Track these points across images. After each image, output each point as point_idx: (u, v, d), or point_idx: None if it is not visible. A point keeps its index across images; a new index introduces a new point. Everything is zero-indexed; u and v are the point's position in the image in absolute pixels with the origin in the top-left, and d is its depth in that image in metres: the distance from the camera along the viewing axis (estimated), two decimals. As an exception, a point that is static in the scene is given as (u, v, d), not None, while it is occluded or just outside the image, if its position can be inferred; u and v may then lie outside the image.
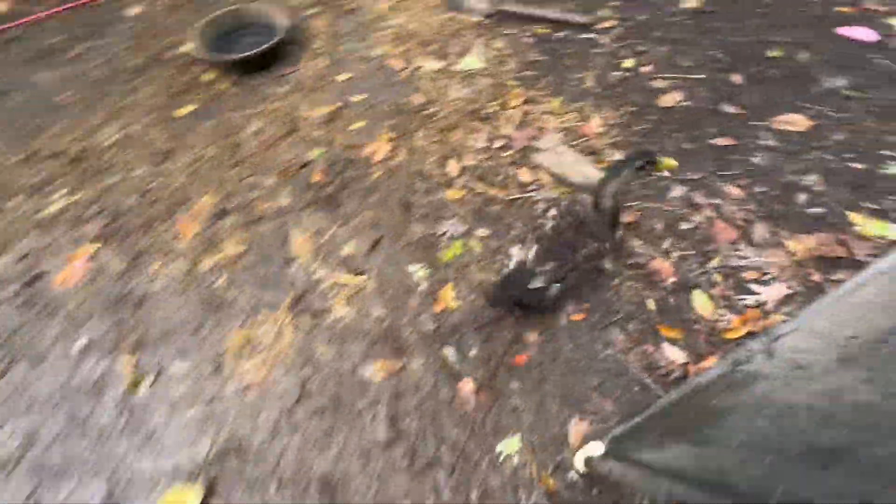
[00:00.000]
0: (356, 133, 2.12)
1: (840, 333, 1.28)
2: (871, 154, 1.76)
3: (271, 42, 2.36)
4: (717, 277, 1.53)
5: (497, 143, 1.98)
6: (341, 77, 2.38)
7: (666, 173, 1.81)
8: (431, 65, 2.34)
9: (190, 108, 2.31)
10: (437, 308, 1.57)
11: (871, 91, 1.94)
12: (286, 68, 2.46)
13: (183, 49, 2.59)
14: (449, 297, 1.59)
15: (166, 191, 1.97)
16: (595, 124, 1.98)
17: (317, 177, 1.96)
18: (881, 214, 1.60)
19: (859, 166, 1.73)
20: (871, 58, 2.05)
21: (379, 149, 2.03)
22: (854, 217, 1.60)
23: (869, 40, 2.11)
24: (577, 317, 1.51)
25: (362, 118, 2.17)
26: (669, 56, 2.19)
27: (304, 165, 2.01)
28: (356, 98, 2.27)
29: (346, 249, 1.74)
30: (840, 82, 1.98)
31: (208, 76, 2.45)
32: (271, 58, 2.47)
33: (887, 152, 1.75)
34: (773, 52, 2.12)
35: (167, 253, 1.79)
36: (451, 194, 1.84)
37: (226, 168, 2.04)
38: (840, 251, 1.51)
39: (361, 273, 1.67)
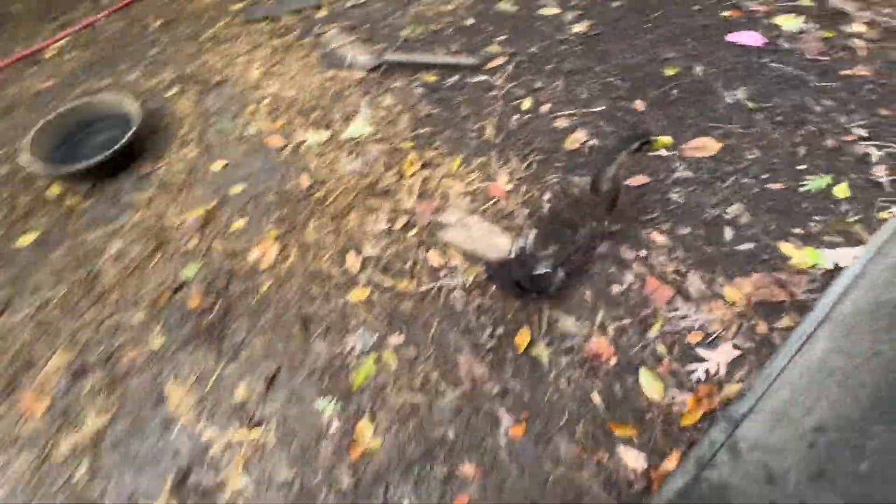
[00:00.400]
0: (238, 235, 1.82)
1: (805, 422, 1.11)
2: (787, 170, 1.67)
3: (123, 140, 2.02)
4: (661, 348, 1.36)
5: (399, 223, 1.75)
6: (215, 166, 2.08)
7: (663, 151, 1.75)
8: (315, 137, 2.08)
9: (33, 235, 1.93)
10: (355, 453, 1.30)
11: (771, 99, 1.87)
12: (149, 165, 2.13)
13: (20, 161, 2.20)
14: (367, 434, 1.33)
15: (4, 357, 1.60)
16: (502, 182, 1.79)
17: (194, 302, 1.65)
18: (811, 240, 1.49)
19: (778, 186, 1.63)
20: (763, 62, 1.99)
21: (266, 252, 1.75)
22: (785, 248, 1.48)
23: (758, 44, 2.05)
24: (517, 430, 1.29)
25: (243, 215, 1.88)
26: (567, 89, 2.05)
27: (179, 289, 1.70)
28: (234, 190, 1.97)
29: (238, 394, 1.44)
30: (741, 94, 1.90)
31: (54, 191, 2.08)
32: (128, 156, 2.12)
33: (801, 166, 1.67)
34: (670, 70, 2.02)
35: (9, 445, 1.42)
36: (355, 296, 1.59)
37: (81, 310, 1.68)
38: (780, 294, 1.39)
39: (259, 424, 1.38)
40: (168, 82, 2.50)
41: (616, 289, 1.49)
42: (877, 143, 1.68)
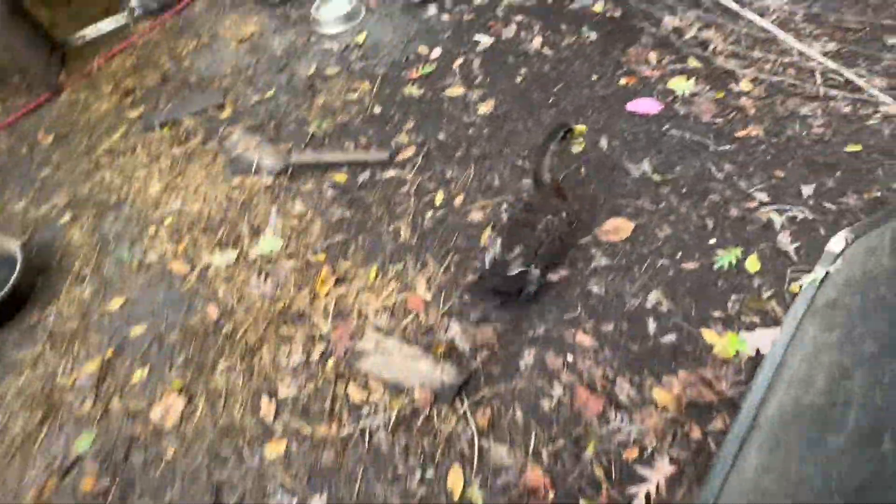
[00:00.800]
0: (138, 389, 1.64)
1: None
2: (699, 246, 1.67)
3: (1, 292, 1.82)
4: (599, 472, 1.29)
5: (316, 352, 1.62)
6: (113, 304, 1.90)
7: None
8: (223, 258, 1.95)
9: None
10: None
11: (674, 169, 1.89)
12: (36, 313, 1.92)
13: None
14: None
15: None
16: (421, 291, 1.71)
17: (88, 484, 1.45)
18: (730, 323, 1.48)
19: (692, 265, 1.62)
20: (664, 130, 2.03)
21: (170, 406, 1.58)
22: (707, 335, 1.46)
23: (656, 112, 2.10)
24: None
25: (145, 362, 1.71)
26: (478, 178, 2.02)
27: (70, 469, 1.50)
28: (135, 332, 1.80)
29: None
30: (646, 166, 1.92)
31: (-76, 360, 1.84)
32: (12, 305, 1.92)
33: (711, 240, 1.67)
34: (577, 147, 2.03)
35: None
36: (271, 450, 1.44)
37: (-48, 515, 1.45)
38: (708, 394, 1.35)
39: None
40: (61, 208, 2.31)
41: (546, 405, 1.41)
42: (777, 207, 1.71)
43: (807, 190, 1.74)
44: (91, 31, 3.37)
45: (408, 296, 1.70)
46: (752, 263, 1.59)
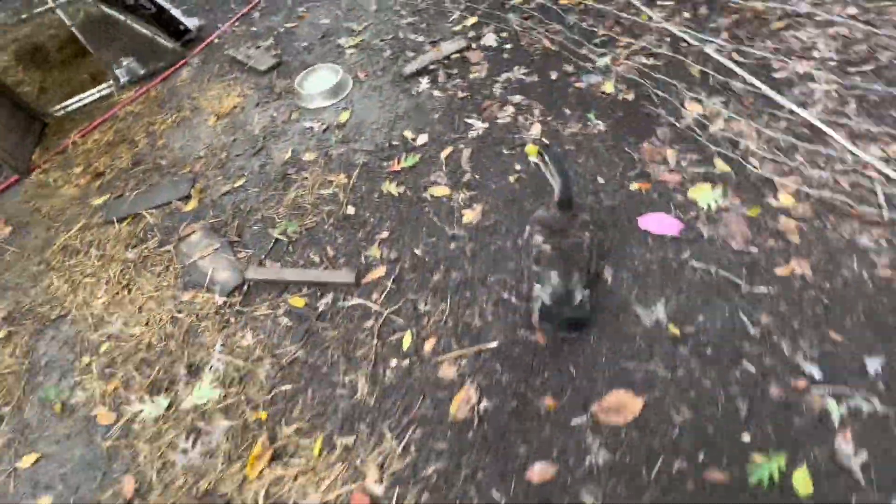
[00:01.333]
0: None
1: None
2: (728, 445, 1.28)
3: None
4: None
5: (234, 566, 1.31)
6: (25, 461, 1.63)
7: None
8: (152, 407, 1.65)
9: None
10: None
11: (696, 318, 1.52)
12: (-59, 468, 1.67)
13: None
14: None
15: None
16: (371, 482, 1.37)
17: None
18: (773, 581, 1.09)
19: (721, 477, 1.23)
20: (683, 259, 1.66)
21: None
22: None
23: (673, 233, 1.74)
24: None
25: (40, 556, 1.42)
26: (454, 313, 1.68)
27: None
28: (39, 505, 1.52)
29: None
30: (661, 312, 1.55)
31: None
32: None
33: (745, 436, 1.29)
34: (575, 277, 1.68)
35: None
36: None
37: None
38: None
39: None
40: (-1, 321, 2.09)
41: None
42: (833, 389, 1.32)
43: (873, 364, 1.34)
44: (73, 102, 3.24)
45: (354, 489, 1.37)
46: (802, 481, 1.19)
